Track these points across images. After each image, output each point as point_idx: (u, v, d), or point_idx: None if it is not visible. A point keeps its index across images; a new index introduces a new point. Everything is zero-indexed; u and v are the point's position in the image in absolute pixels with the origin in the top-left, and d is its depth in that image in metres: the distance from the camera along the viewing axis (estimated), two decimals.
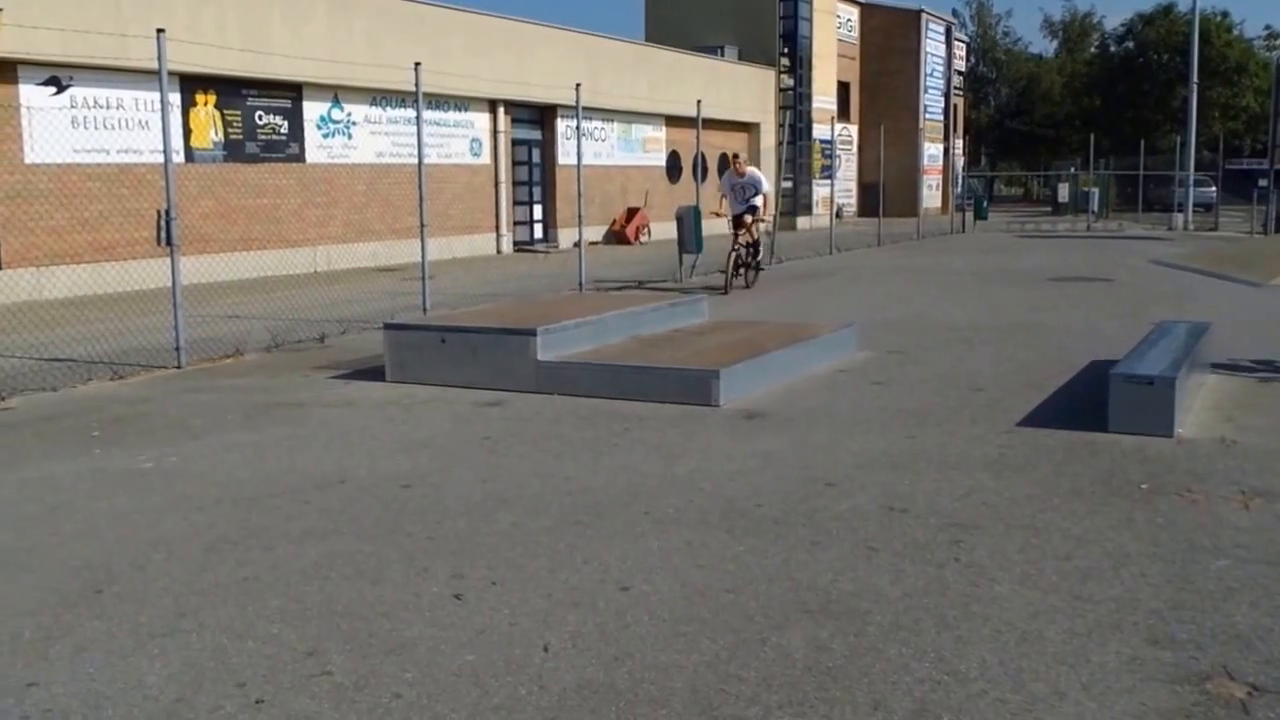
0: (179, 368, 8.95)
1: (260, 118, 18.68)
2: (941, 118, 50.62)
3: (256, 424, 7.00)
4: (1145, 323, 10.04)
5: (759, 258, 15.72)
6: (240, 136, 18.32)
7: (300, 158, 19.40)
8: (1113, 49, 66.75)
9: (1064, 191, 45.66)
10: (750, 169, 15.42)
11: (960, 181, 43.74)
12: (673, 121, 29.87)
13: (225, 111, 18.06)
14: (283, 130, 19.09)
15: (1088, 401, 7.16)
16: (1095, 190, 38.81)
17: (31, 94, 15.33)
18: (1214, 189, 37.61)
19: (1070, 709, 3.13)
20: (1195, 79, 33.89)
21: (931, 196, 47.86)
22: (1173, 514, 4.95)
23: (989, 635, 3.63)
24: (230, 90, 18.02)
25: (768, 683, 3.29)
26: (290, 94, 19.16)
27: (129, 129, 16.49)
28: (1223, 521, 4.83)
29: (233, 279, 15.25)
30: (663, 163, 30.65)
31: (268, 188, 18.53)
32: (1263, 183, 31.61)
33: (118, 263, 15.57)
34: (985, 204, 41.10)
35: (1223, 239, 28.31)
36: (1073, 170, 47.40)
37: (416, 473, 5.75)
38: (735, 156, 15.55)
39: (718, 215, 15.79)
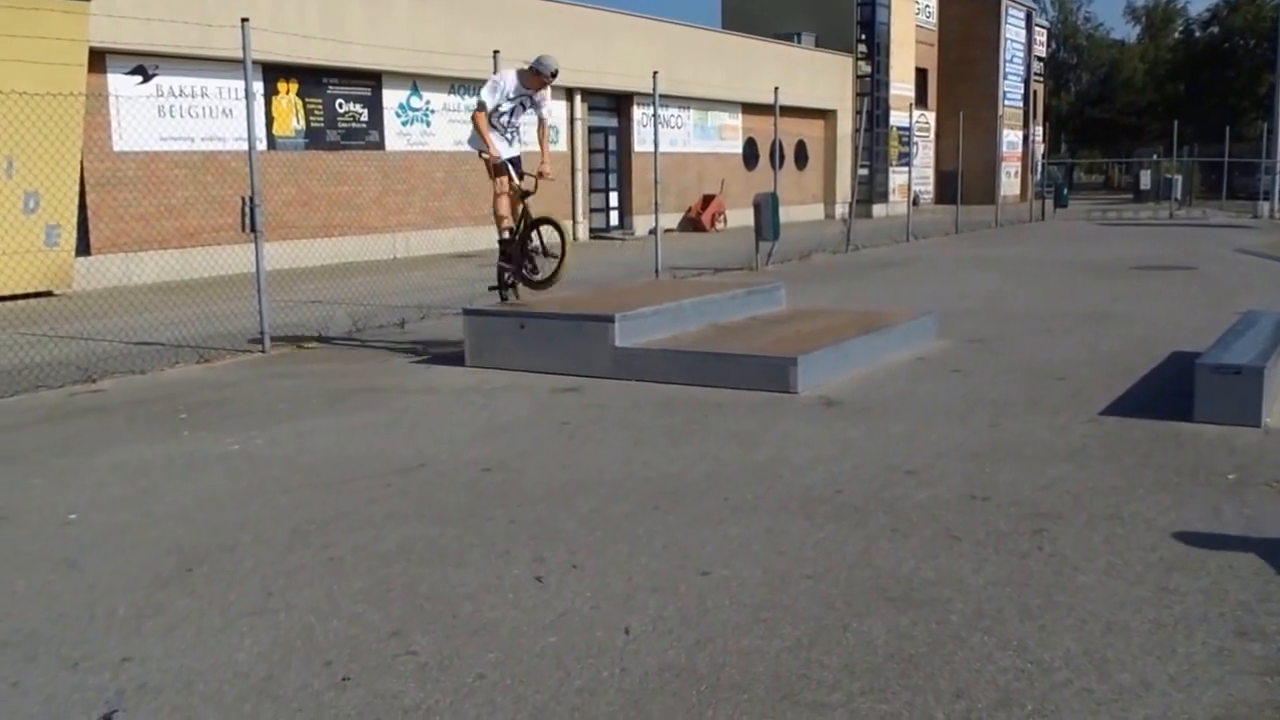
0: (263, 352, 9.15)
1: (340, 106, 18.99)
2: (1021, 104, 49.74)
3: (338, 408, 7.13)
4: (1230, 312, 9.79)
5: (547, 247, 9.29)
6: (321, 124, 18.63)
7: (380, 145, 19.68)
8: (1197, 34, 65.08)
9: (1146, 179, 44.67)
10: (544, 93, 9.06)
11: (1040, 169, 42.97)
12: (749, 109, 29.73)
13: (307, 100, 18.38)
14: (362, 118, 19.38)
15: (1172, 391, 7.01)
16: (1178, 178, 37.88)
17: (119, 83, 15.74)
18: None
19: (1157, 700, 3.08)
20: None
21: (1010, 184, 47.08)
22: (1261, 505, 4.83)
23: (1073, 625, 3.59)
24: (311, 79, 18.34)
25: (850, 669, 3.28)
26: (370, 82, 19.44)
27: (213, 117, 16.85)
28: None
29: (314, 265, 15.52)
30: (739, 150, 30.53)
31: (348, 175, 18.83)
32: None
33: (203, 248, 15.97)
34: (1065, 191, 40.32)
35: None
36: (1155, 157, 46.32)
37: (496, 457, 5.81)
38: (535, 70, 8.91)
39: (487, 160, 9.26)
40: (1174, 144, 37.99)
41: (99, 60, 15.09)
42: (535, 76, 8.89)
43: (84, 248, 14.98)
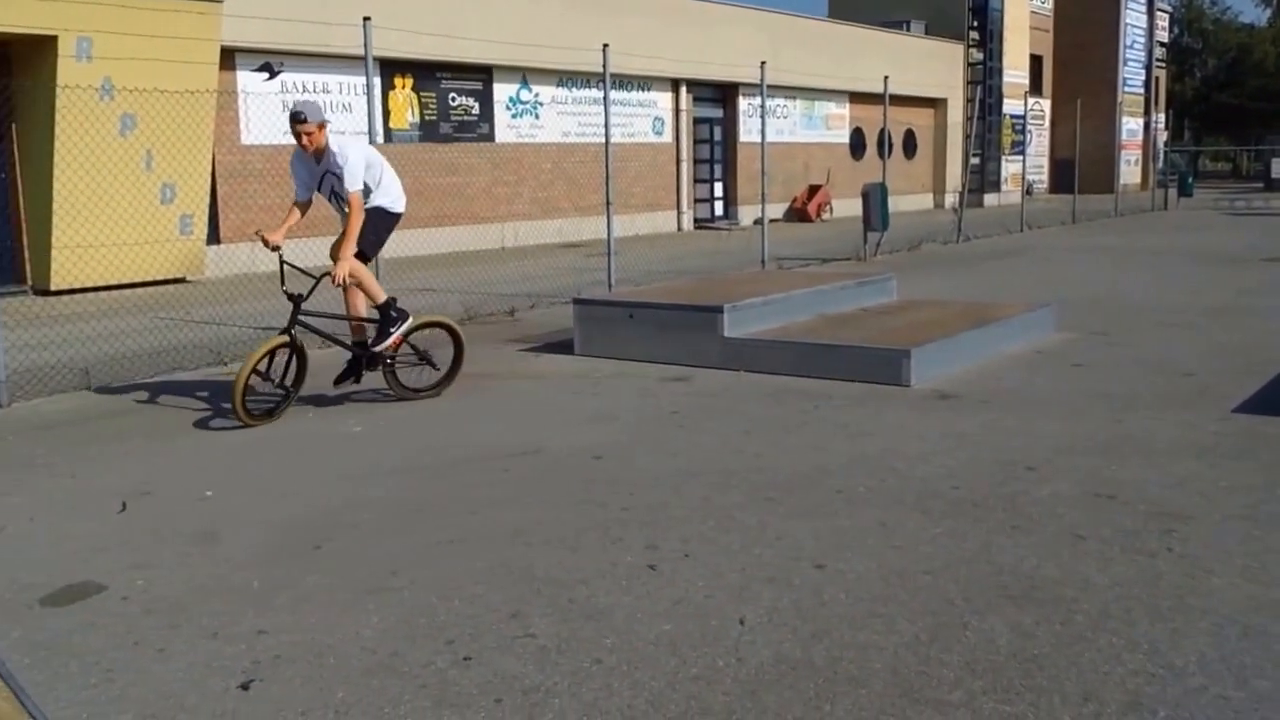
0: None
1: (453, 99, 19.33)
2: (1142, 91, 48.12)
3: (455, 394, 7.24)
4: None
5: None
6: (435, 117, 19.00)
7: (490, 137, 19.97)
8: None
9: (1278, 167, 42.85)
10: (338, 141, 6.76)
11: (1161, 157, 41.57)
12: (856, 98, 29.34)
13: (421, 94, 18.78)
14: (474, 111, 19.69)
15: None
16: None
17: (247, 80, 16.37)
18: None
19: None
20: None
21: (1130, 172, 45.63)
22: None
23: (1207, 629, 3.46)
24: (426, 73, 18.72)
25: (970, 668, 3.21)
26: (481, 76, 19.74)
27: (334, 111, 17.24)
28: None
29: (426, 254, 15.83)
30: (846, 140, 30.16)
31: (459, 166, 19.14)
32: None
33: (324, 238, 16.31)
34: (1190, 180, 38.94)
35: None
36: None
37: (607, 445, 5.84)
38: (299, 117, 6.53)
39: (266, 244, 6.82)
40: None
41: (228, 58, 15.66)
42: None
43: (214, 236, 15.66)
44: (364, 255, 6.90)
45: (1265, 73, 65.03)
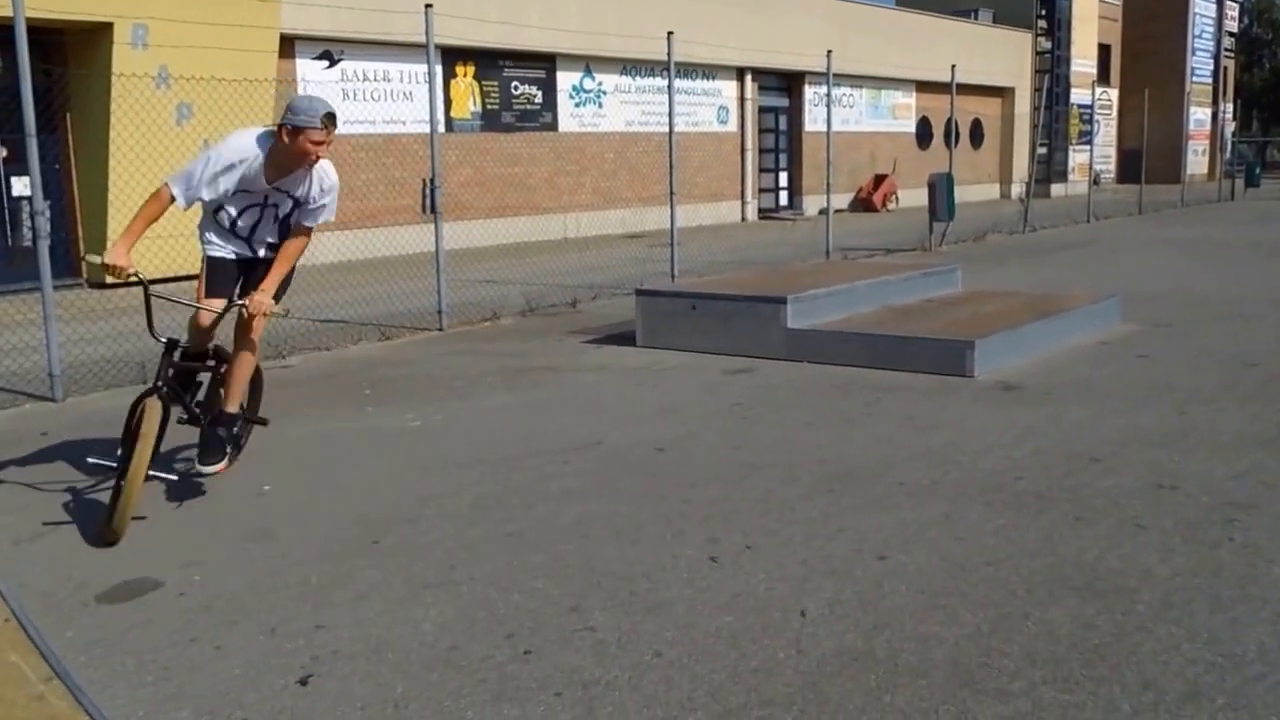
0: (440, 330, 9.46)
1: (516, 88, 19.40)
2: (1210, 81, 47.03)
3: (514, 386, 7.33)
4: None
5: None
6: (496, 107, 19.08)
7: (553, 127, 20.04)
8: None
9: None
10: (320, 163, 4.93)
11: (1229, 147, 40.62)
12: (923, 87, 29.03)
13: (483, 82, 18.85)
14: (536, 100, 19.77)
15: None
16: None
17: (307, 68, 16.42)
18: None
19: None
20: None
21: (1197, 163, 44.63)
22: None
23: (1268, 618, 3.44)
24: (488, 62, 18.78)
25: (1031, 658, 3.22)
26: (544, 64, 19.80)
27: (394, 100, 17.43)
28: None
29: (488, 245, 15.96)
30: (912, 129, 29.87)
31: (521, 156, 19.24)
32: None
33: (383, 229, 16.51)
34: (1258, 171, 37.98)
35: None
36: None
37: (669, 437, 5.88)
38: (333, 119, 4.86)
39: (112, 271, 4.63)
40: None
41: (288, 46, 15.71)
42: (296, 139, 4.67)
43: None
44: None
45: None
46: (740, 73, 23.79)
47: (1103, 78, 39.90)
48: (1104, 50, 41.18)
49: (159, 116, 13.05)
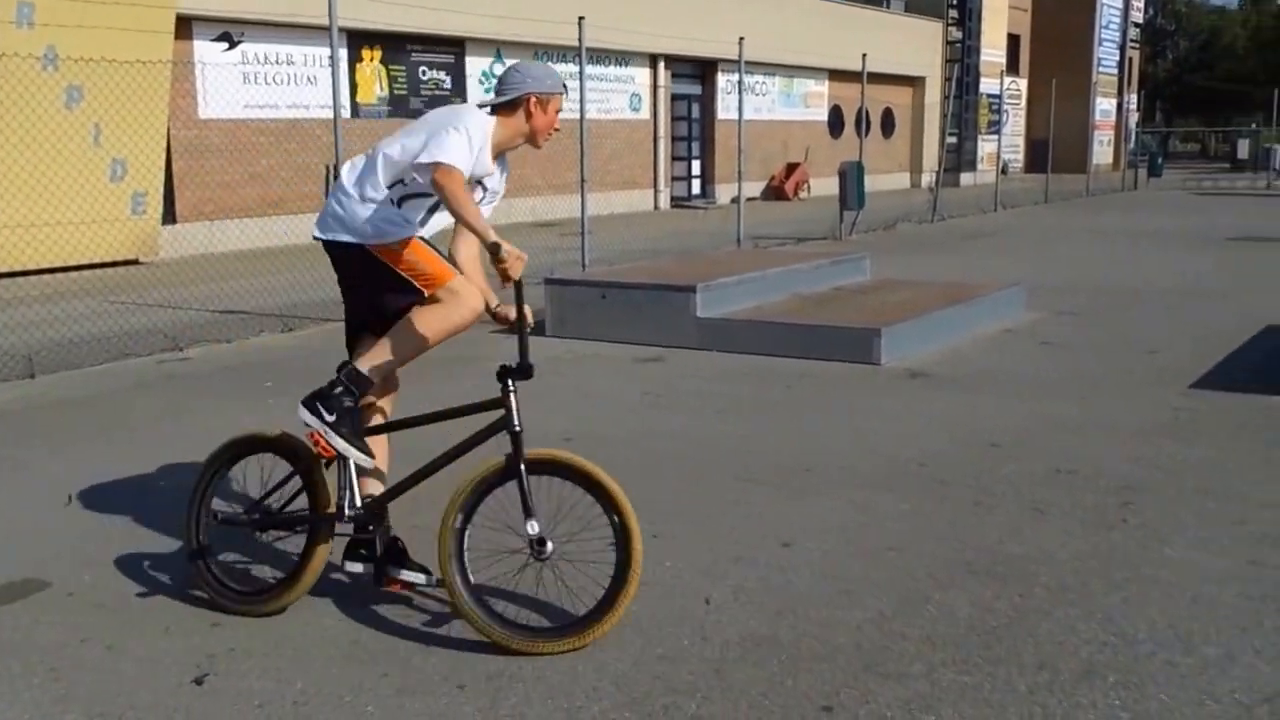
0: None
1: (424, 73, 19.11)
2: (1116, 71, 48.30)
3: (424, 377, 7.20)
4: None
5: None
6: (404, 92, 18.76)
7: None
8: None
9: (1244, 148, 43.22)
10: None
11: (1133, 137, 41.79)
12: (836, 76, 29.34)
13: (390, 67, 18.51)
14: (445, 85, 19.50)
15: (1267, 365, 6.84)
16: (1278, 147, 36.57)
17: (205, 50, 15.84)
18: None
19: (1242, 673, 3.04)
20: None
21: (1102, 153, 45.80)
22: None
23: (1159, 598, 3.54)
24: (395, 46, 18.45)
25: (932, 641, 3.27)
26: (453, 49, 19.53)
27: (297, 84, 17.04)
28: None
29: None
30: (824, 118, 30.17)
31: None
32: None
33: (286, 216, 16.19)
34: (1160, 161, 39.17)
35: None
36: (1254, 126, 44.78)
37: (578, 426, 5.86)
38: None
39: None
40: (1274, 113, 36.61)
41: (185, 26, 15.16)
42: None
43: (169, 215, 15.15)
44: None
45: (1235, 55, 65.41)
46: (653, 60, 23.79)
47: (1012, 68, 40.74)
48: (1013, 40, 42.04)
49: (46, 99, 12.52)
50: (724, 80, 25.62)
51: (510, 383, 3.57)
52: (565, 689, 3.03)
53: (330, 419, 3.57)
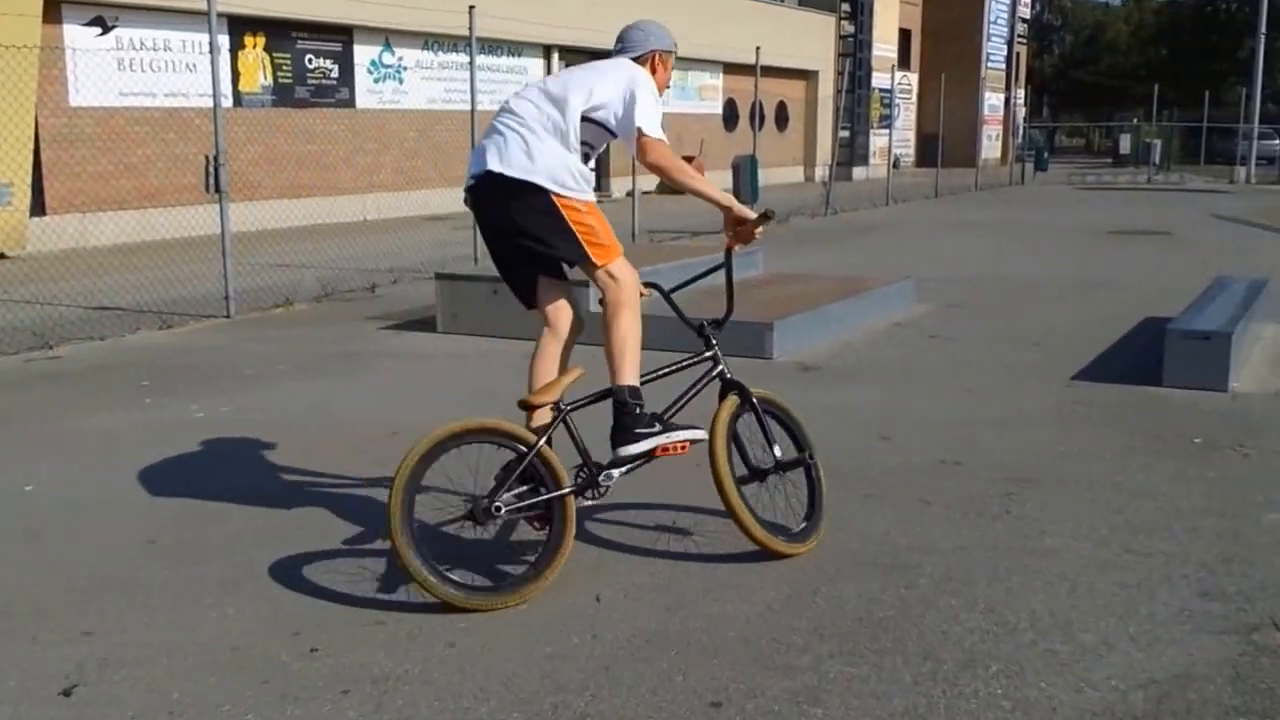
0: (228, 317, 9.04)
1: (310, 61, 18.65)
2: (1004, 67, 49.60)
3: (309, 374, 7.08)
4: (1204, 277, 9.84)
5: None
6: (290, 81, 18.30)
7: (350, 103, 19.39)
8: None
9: (1126, 143, 44.78)
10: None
11: (1021, 132, 42.96)
12: (730, 69, 29.53)
13: (274, 55, 18.02)
14: (333, 75, 19.08)
15: (1145, 356, 7.06)
16: (1157, 142, 38.01)
17: (76, 35, 15.20)
18: (1278, 142, 36.73)
19: (1118, 660, 3.12)
20: (1263, 29, 32.84)
21: (991, 147, 47.03)
22: (1225, 468, 4.90)
23: (1039, 587, 3.62)
24: (280, 33, 17.97)
25: (819, 633, 3.29)
26: (341, 37, 19.11)
27: (176, 71, 16.49)
28: (1275, 476, 4.79)
29: (281, 227, 15.35)
30: (719, 111, 30.35)
31: (317, 134, 18.53)
32: None
33: (164, 209, 15.66)
34: (1046, 155, 40.34)
35: None
36: (1135, 122, 46.44)
37: None
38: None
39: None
40: (1154, 108, 38.03)
41: (54, 10, 14.57)
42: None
43: (38, 208, 14.50)
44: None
45: (1118, 51, 67.70)
46: (547, 50, 23.64)
47: (903, 62, 41.56)
48: (904, 35, 42.86)
49: None
50: None
51: (712, 336, 4.15)
52: (452, 690, 2.98)
53: (656, 429, 3.80)
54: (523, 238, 3.78)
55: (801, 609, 3.46)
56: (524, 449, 3.66)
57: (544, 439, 3.73)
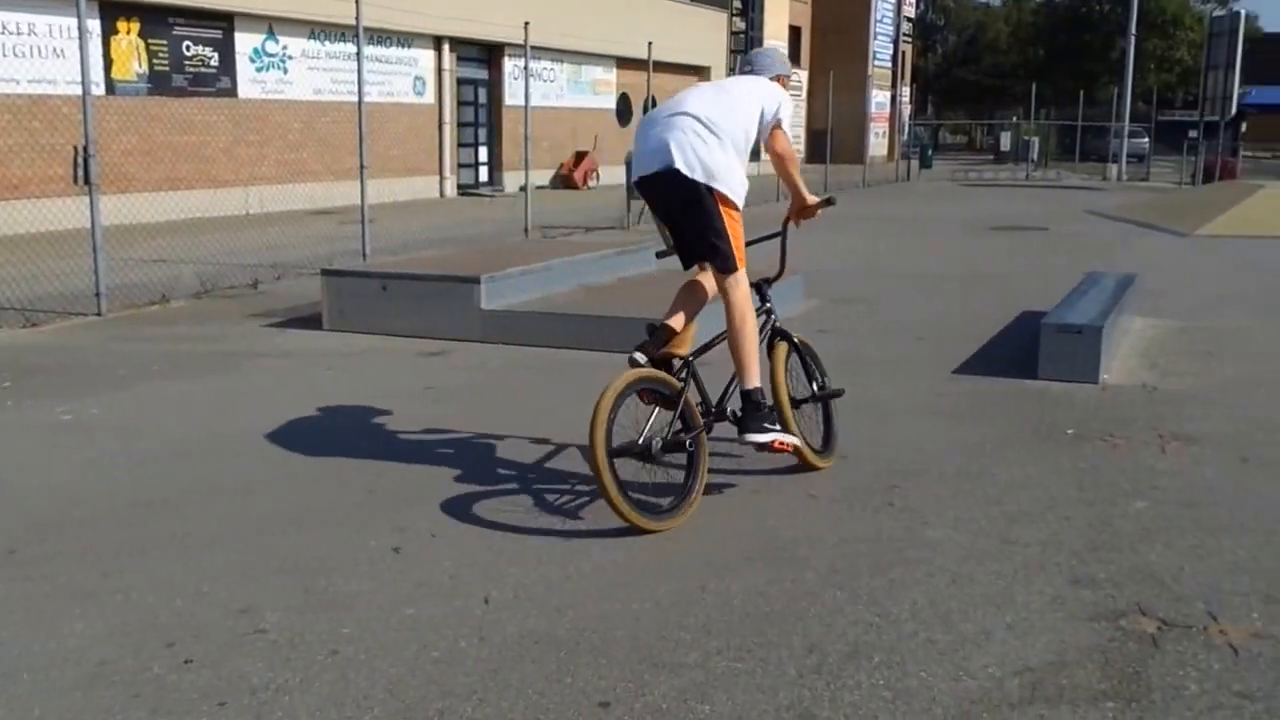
0: (99, 315, 8.68)
1: (188, 49, 18.03)
2: (890, 65, 50.63)
3: (186, 374, 6.87)
4: (1078, 272, 10.18)
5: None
6: (166, 68, 17.66)
7: (232, 92, 18.82)
8: None
9: (1006, 141, 46.01)
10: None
11: (907, 129, 43.89)
12: (624, 63, 29.54)
13: (150, 41, 17.36)
14: (212, 62, 18.48)
15: (1021, 350, 7.27)
16: (1035, 140, 39.19)
17: None
18: (1147, 140, 38.26)
19: (995, 648, 3.20)
20: (1133, 30, 34.12)
21: (878, 144, 47.98)
22: (1096, 458, 5.07)
23: (921, 578, 3.70)
24: (155, 18, 17.32)
25: (707, 629, 3.31)
26: (221, 24, 18.53)
27: (42, 57, 15.79)
28: (1142, 465, 4.98)
29: (157, 220, 14.77)
30: (613, 105, 30.35)
31: (196, 124, 17.96)
32: (1193, 134, 32.18)
33: (29, 201, 14.98)
34: (930, 152, 41.28)
35: (1154, 190, 28.81)
36: (1015, 120, 47.79)
37: (356, 424, 5.68)
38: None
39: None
40: (1032, 107, 39.20)
41: None
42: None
43: None
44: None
45: (999, 50, 69.57)
46: (438, 42, 23.35)
47: (793, 59, 42.06)
48: (794, 32, 43.43)
49: None
50: (511, 65, 25.41)
51: (767, 292, 5.00)
52: (335, 699, 2.92)
53: (778, 427, 4.49)
54: (687, 227, 4.55)
55: (690, 606, 3.48)
56: (675, 394, 4.34)
57: (686, 386, 4.43)
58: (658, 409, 4.30)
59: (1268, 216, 17.49)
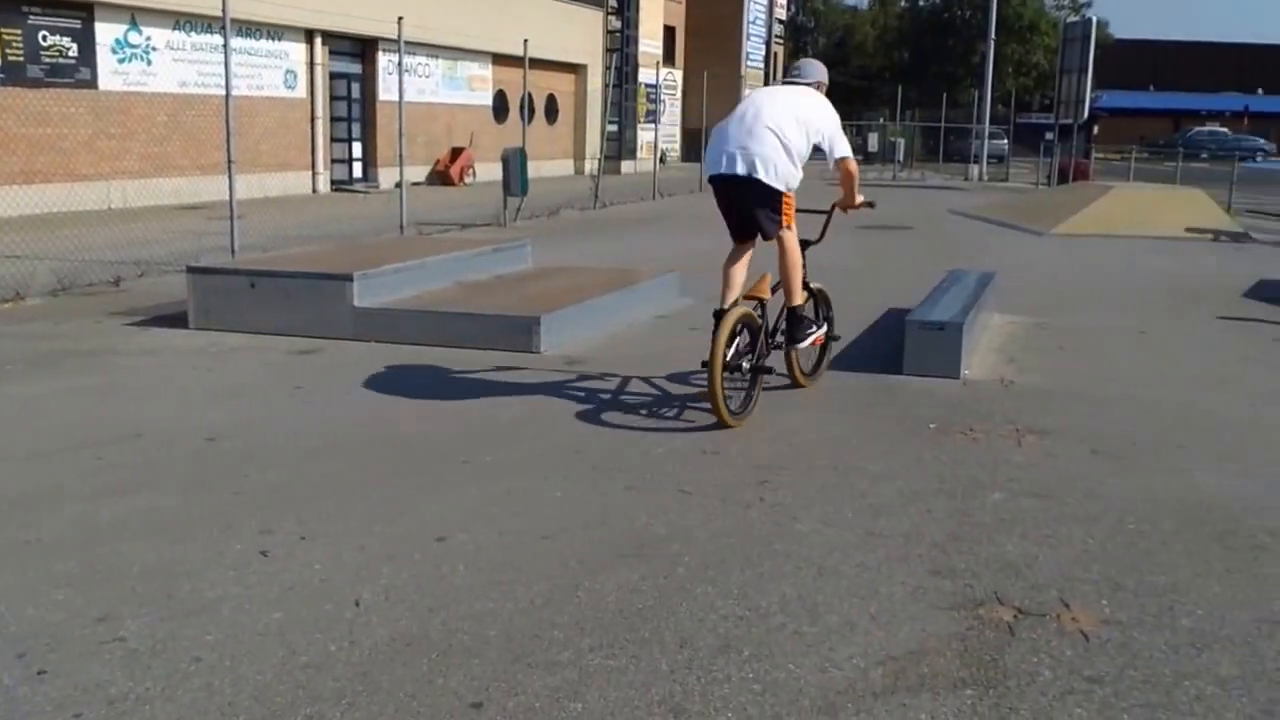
0: None
1: (44, 38, 17.26)
2: (762, 66, 51.34)
3: (42, 374, 6.60)
4: (941, 270, 10.49)
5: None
6: (20, 58, 16.87)
7: (92, 84, 18.08)
8: (921, 3, 68.89)
9: (873, 141, 47.13)
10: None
11: None
12: (500, 60, 29.30)
13: (3, 30, 16.61)
14: (71, 53, 17.73)
15: (886, 346, 7.47)
16: (901, 141, 40.24)
17: None
18: (1006, 142, 39.65)
19: (860, 639, 3.30)
20: (993, 35, 35.29)
21: None
22: (956, 451, 5.25)
23: (789, 572, 3.78)
24: (9, 7, 16.51)
25: (580, 627, 3.33)
26: (80, 13, 17.80)
27: None
28: (999, 458, 5.17)
29: (11, 215, 14.13)
30: (489, 102, 30.12)
31: (53, 116, 17.18)
32: (1049, 136, 33.44)
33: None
34: None
35: (1012, 190, 29.91)
36: (882, 121, 49.01)
37: (222, 424, 5.53)
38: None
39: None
40: (898, 109, 40.23)
41: None
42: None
43: None
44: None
45: (866, 53, 71.15)
46: (309, 35, 22.83)
47: (668, 59, 42.34)
48: (669, 32, 43.69)
49: None
50: (385, 60, 25.00)
51: (806, 249, 6.26)
52: (199, 707, 2.85)
53: (812, 330, 6.17)
54: (749, 212, 5.89)
55: (563, 604, 3.50)
56: (758, 328, 5.80)
57: (764, 321, 5.93)
58: (748, 337, 5.68)
59: (1117, 216, 18.26)
